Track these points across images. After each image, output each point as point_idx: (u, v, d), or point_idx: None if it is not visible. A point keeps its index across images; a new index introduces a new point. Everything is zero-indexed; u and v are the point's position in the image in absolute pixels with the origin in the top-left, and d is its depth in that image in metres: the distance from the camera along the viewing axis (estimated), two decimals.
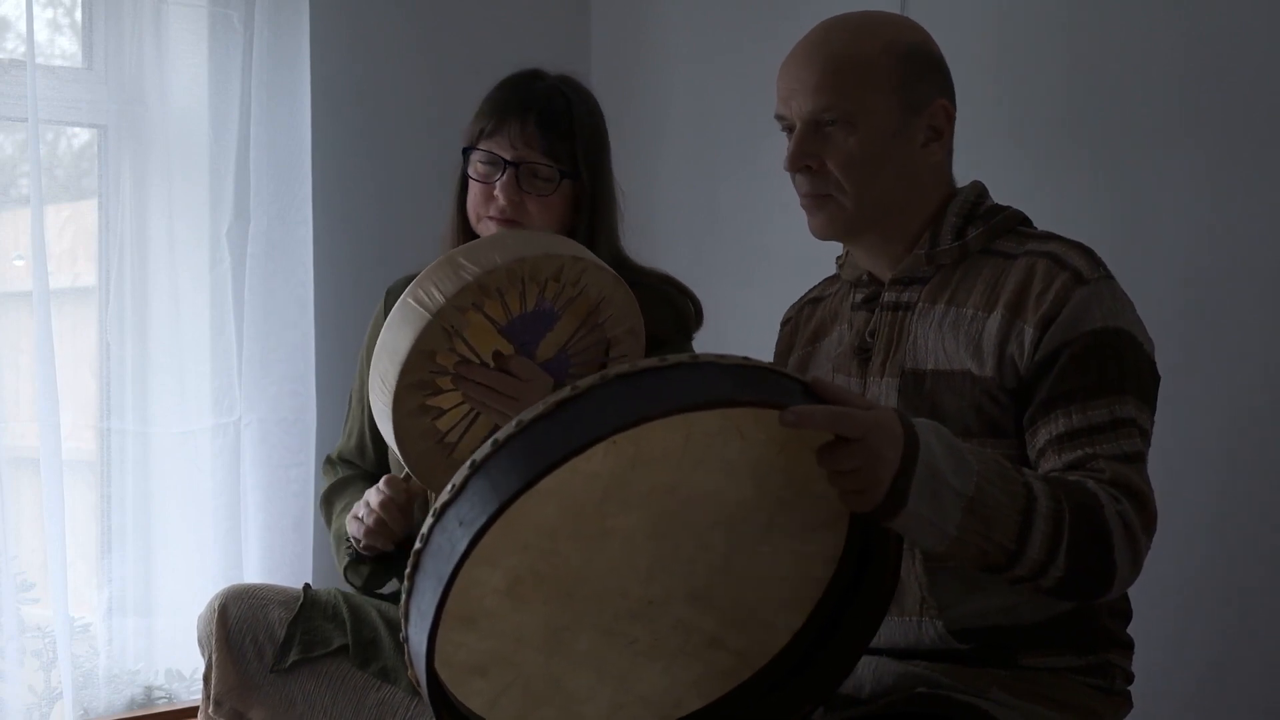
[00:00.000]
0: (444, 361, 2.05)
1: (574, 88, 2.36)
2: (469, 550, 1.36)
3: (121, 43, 2.82)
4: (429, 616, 1.39)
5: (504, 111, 2.29)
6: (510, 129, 2.28)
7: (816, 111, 1.87)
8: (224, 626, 2.25)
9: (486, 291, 2.02)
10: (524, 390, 2.07)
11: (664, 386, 1.40)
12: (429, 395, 2.07)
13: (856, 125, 1.86)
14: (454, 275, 2.01)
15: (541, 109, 2.29)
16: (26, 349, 2.75)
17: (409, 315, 2.01)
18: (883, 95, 1.87)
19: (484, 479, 1.38)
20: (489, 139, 2.30)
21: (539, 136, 2.28)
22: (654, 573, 1.56)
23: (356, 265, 3.08)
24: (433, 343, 2.02)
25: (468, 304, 2.02)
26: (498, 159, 2.28)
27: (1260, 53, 2.50)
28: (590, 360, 2.16)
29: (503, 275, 2.01)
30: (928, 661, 1.86)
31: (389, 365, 2.03)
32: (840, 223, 1.91)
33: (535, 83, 2.34)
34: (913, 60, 1.89)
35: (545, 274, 2.04)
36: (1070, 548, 1.65)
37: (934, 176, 1.93)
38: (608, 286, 2.10)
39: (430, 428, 2.10)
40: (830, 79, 1.87)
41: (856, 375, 1.93)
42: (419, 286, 2.02)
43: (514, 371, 2.07)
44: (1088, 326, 1.79)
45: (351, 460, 2.51)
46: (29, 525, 2.78)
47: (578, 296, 2.09)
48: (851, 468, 1.51)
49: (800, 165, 1.89)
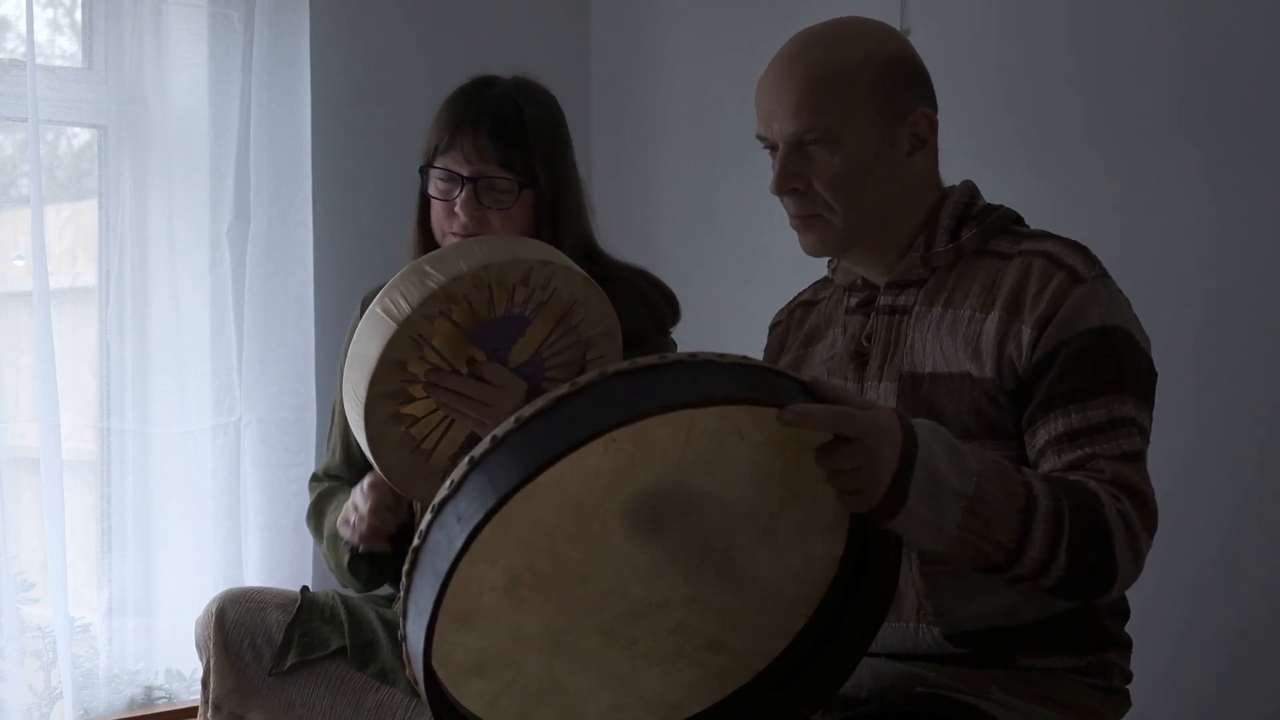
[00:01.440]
0: (415, 370, 2.05)
1: (526, 91, 2.33)
2: (467, 545, 1.36)
3: (121, 43, 2.82)
4: (426, 613, 1.38)
5: (456, 126, 2.27)
6: (464, 143, 2.26)
7: (799, 132, 1.85)
8: (222, 630, 2.25)
9: (453, 298, 2.02)
10: (497, 396, 2.07)
11: (663, 383, 1.40)
12: (401, 404, 2.07)
13: (840, 143, 1.85)
14: (420, 284, 2.01)
15: (493, 119, 2.26)
16: (26, 349, 2.75)
17: (377, 325, 2.02)
18: (864, 110, 1.85)
19: (482, 475, 1.37)
20: (444, 155, 2.28)
21: (493, 149, 2.25)
22: (654, 574, 1.56)
23: (356, 265, 3.07)
24: (402, 352, 2.02)
25: (434, 312, 2.02)
26: (455, 175, 2.27)
27: (1260, 53, 2.50)
28: (568, 362, 2.16)
29: (469, 282, 2.01)
30: (926, 663, 1.86)
31: (359, 376, 2.03)
32: (831, 241, 1.90)
33: (485, 91, 2.31)
34: (892, 71, 1.87)
35: (513, 279, 2.04)
36: (1071, 547, 1.65)
37: (922, 183, 1.92)
38: (579, 288, 2.10)
39: (405, 436, 2.10)
40: (810, 98, 1.84)
41: (853, 380, 1.92)
42: (386, 296, 2.02)
43: (486, 377, 2.07)
44: (1085, 325, 1.79)
45: (337, 475, 2.50)
46: (29, 525, 2.78)
47: (549, 300, 2.09)
48: (850, 467, 1.50)
49: (786, 188, 1.88)
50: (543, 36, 3.36)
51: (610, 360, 2.18)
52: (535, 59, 2.46)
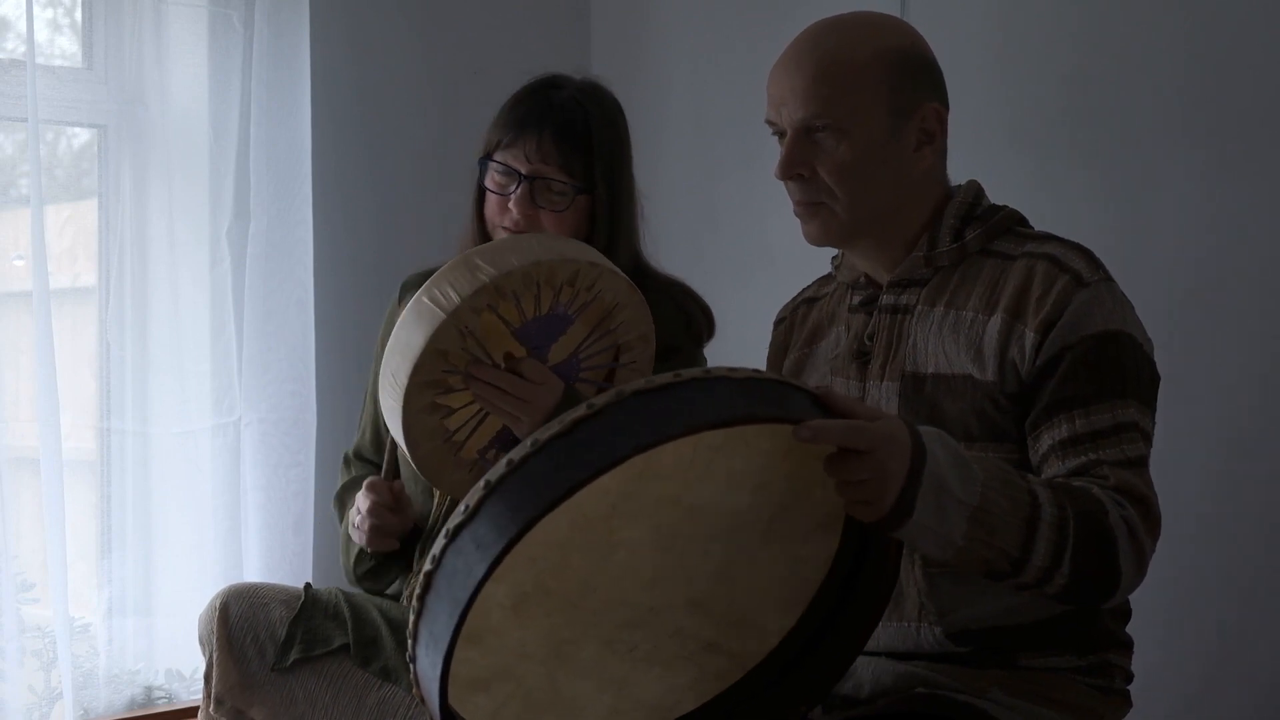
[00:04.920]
0: (456, 361, 2.05)
1: (594, 97, 2.33)
2: (488, 574, 1.35)
3: (121, 43, 2.82)
4: (444, 641, 1.38)
5: (521, 124, 2.27)
6: (526, 142, 2.26)
7: (807, 119, 1.86)
8: (225, 625, 2.25)
9: (502, 293, 2.02)
10: (534, 393, 2.07)
11: (680, 404, 1.39)
12: (439, 394, 2.07)
13: (847, 132, 1.85)
14: (470, 276, 2.00)
15: (559, 122, 2.27)
16: (26, 349, 2.75)
17: (423, 314, 2.01)
18: (873, 101, 1.85)
19: (500, 501, 1.36)
20: (505, 150, 2.27)
21: (555, 151, 2.26)
22: (656, 582, 1.56)
23: (356, 265, 3.08)
24: (446, 342, 2.02)
25: (482, 305, 2.02)
26: (513, 171, 2.27)
27: (1260, 53, 2.50)
28: (601, 364, 2.16)
29: (518, 278, 2.01)
30: (927, 662, 1.86)
31: (401, 362, 2.03)
32: (834, 230, 1.90)
33: (554, 93, 2.31)
34: (903, 64, 1.87)
35: (561, 278, 2.04)
36: (1075, 554, 1.65)
37: (928, 179, 1.92)
38: (622, 293, 2.10)
39: (439, 426, 2.10)
40: (820, 86, 1.85)
41: (855, 378, 1.92)
42: (434, 286, 2.02)
43: (525, 374, 2.07)
44: (1089, 330, 1.79)
45: (368, 457, 2.51)
46: (29, 525, 2.78)
47: (592, 302, 2.09)
48: (859, 479, 1.51)
49: (791, 173, 1.88)
50: (543, 36, 3.36)
51: (641, 365, 2.18)
52: (535, 59, 2.46)
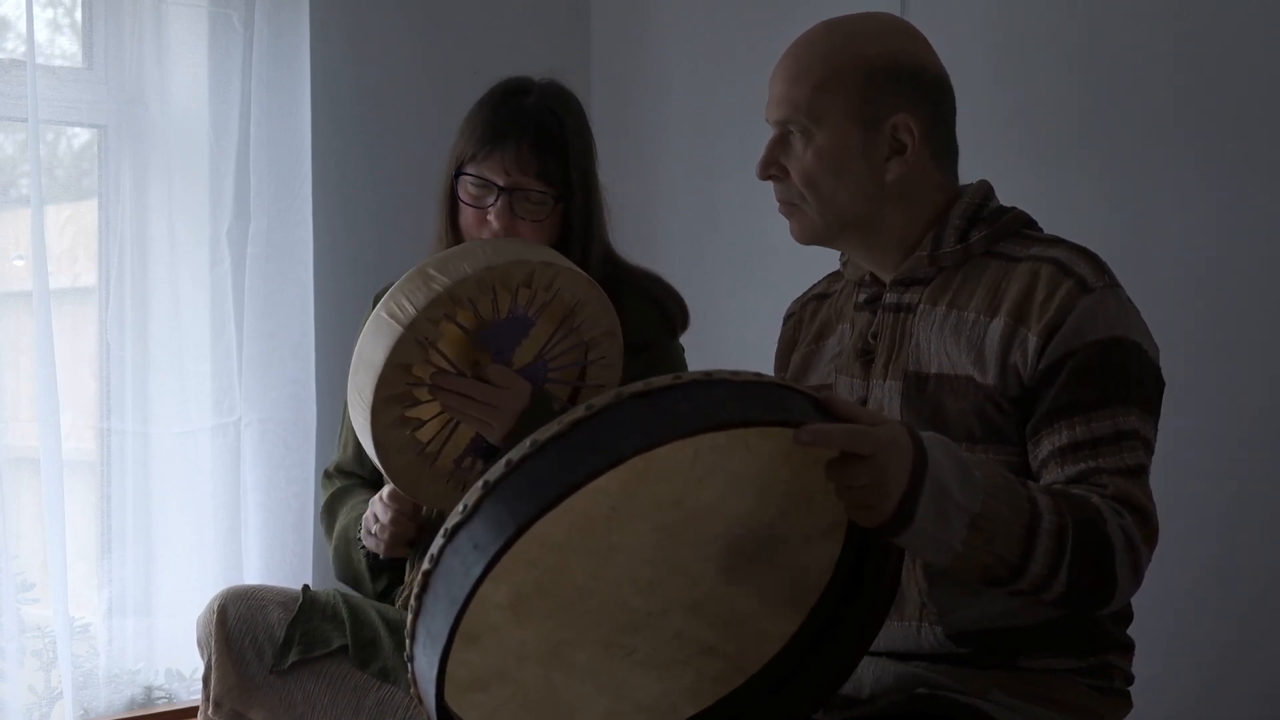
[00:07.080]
0: (420, 373, 2.05)
1: (562, 101, 2.32)
2: (485, 574, 1.35)
3: (121, 43, 2.82)
4: (441, 640, 1.37)
5: (497, 136, 2.25)
6: (505, 154, 2.24)
7: (782, 120, 1.87)
8: (223, 628, 2.25)
9: (458, 301, 2.02)
10: (501, 397, 2.07)
11: (679, 406, 1.39)
12: (407, 407, 2.07)
13: (813, 137, 1.86)
14: (424, 287, 2.01)
15: (534, 133, 2.25)
16: (26, 349, 2.75)
17: (382, 328, 2.02)
18: (840, 108, 1.85)
19: (498, 501, 1.36)
20: (480, 163, 2.25)
21: (533, 162, 2.24)
22: (656, 584, 1.55)
23: (356, 265, 3.08)
24: (407, 355, 2.02)
25: (439, 314, 2.02)
26: (490, 184, 2.25)
27: (1261, 53, 2.50)
28: (570, 363, 2.16)
29: (472, 284, 2.02)
30: (928, 663, 1.86)
31: (365, 379, 2.03)
32: (809, 231, 1.91)
33: (523, 100, 2.29)
34: (879, 74, 1.86)
35: (516, 280, 2.04)
36: (1072, 563, 1.64)
37: (917, 184, 1.89)
38: (581, 289, 2.10)
39: (410, 439, 2.10)
40: (794, 89, 1.86)
41: (859, 377, 1.92)
42: (391, 299, 2.03)
43: (491, 379, 2.07)
44: (1092, 336, 1.78)
45: (350, 470, 2.50)
46: (29, 525, 2.78)
47: (551, 301, 2.09)
48: (860, 484, 1.51)
49: (765, 173, 1.90)
50: (543, 36, 3.36)
51: (611, 361, 2.18)
52: (535, 59, 2.46)
